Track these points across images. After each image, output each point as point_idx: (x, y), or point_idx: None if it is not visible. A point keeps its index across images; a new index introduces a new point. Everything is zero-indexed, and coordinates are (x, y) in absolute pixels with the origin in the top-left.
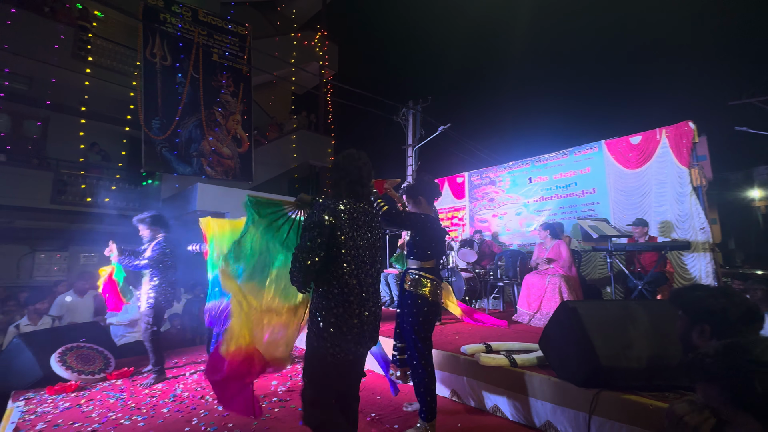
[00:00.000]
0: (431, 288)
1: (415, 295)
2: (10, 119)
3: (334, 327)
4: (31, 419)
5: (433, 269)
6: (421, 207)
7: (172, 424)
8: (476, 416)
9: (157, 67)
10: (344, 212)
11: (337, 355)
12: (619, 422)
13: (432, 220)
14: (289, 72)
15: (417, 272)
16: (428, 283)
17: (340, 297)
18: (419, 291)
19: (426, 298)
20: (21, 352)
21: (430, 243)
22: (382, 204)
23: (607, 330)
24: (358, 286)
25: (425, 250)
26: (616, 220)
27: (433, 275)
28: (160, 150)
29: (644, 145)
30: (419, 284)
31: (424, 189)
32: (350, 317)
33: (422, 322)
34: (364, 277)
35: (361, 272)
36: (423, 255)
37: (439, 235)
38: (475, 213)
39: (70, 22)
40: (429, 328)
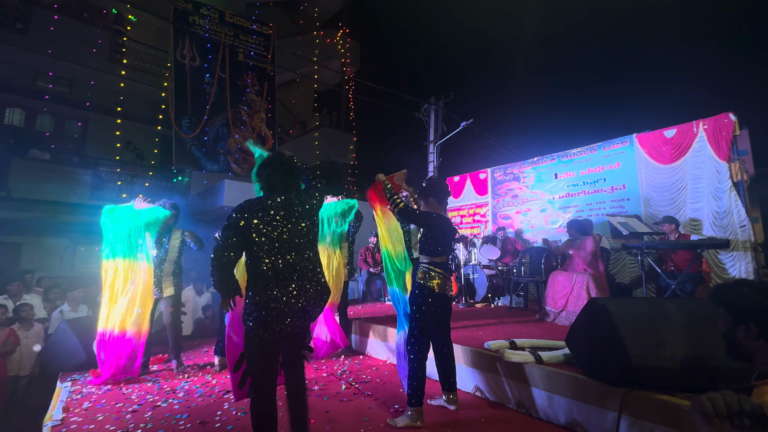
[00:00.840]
0: (440, 281)
1: (423, 287)
2: (54, 120)
3: (255, 311)
4: (78, 399)
5: (443, 264)
6: (431, 207)
7: (204, 408)
8: (499, 411)
9: (186, 68)
10: (259, 210)
11: (263, 335)
12: (651, 423)
13: (443, 219)
14: (312, 70)
15: (428, 266)
16: (437, 277)
17: (259, 284)
18: (428, 283)
19: (433, 290)
20: (66, 337)
21: (441, 240)
22: (398, 201)
23: (638, 328)
24: (274, 273)
25: (436, 246)
26: (648, 217)
27: (442, 270)
28: (189, 148)
29: (679, 138)
30: (429, 277)
31: (434, 190)
32: (269, 301)
33: (426, 311)
34: (283, 265)
35: (278, 260)
36: (434, 251)
37: (449, 234)
38: (498, 209)
39: (107, 27)
40: (433, 318)
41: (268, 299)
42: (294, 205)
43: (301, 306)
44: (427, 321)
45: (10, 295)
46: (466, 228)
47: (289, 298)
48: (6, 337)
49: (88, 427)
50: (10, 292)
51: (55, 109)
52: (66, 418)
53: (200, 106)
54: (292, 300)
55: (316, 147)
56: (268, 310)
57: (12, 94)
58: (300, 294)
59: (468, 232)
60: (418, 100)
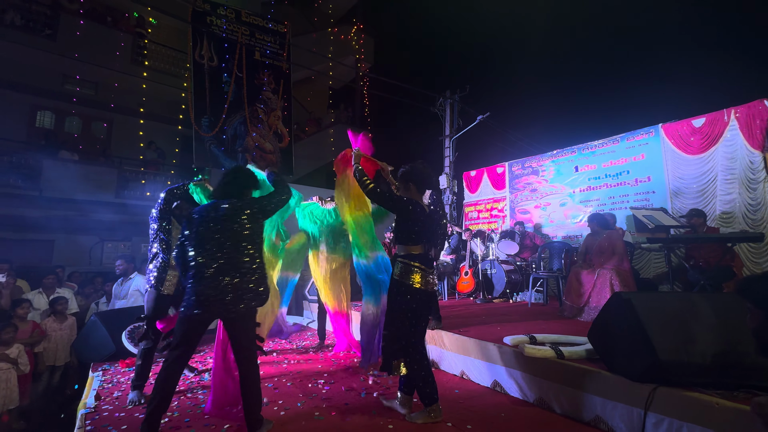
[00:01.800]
0: (419, 276)
1: (401, 284)
2: (81, 122)
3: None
4: (109, 387)
5: (422, 256)
6: (410, 193)
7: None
8: (520, 407)
9: (205, 68)
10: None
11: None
12: (680, 420)
13: (418, 206)
14: (327, 67)
15: (404, 260)
16: (415, 271)
17: (187, 276)
18: (407, 280)
19: (412, 287)
20: (97, 329)
21: (413, 228)
22: (368, 182)
23: (665, 323)
24: (197, 268)
25: (408, 234)
26: (674, 210)
27: (420, 263)
28: (208, 146)
29: (709, 128)
30: (406, 272)
31: (415, 176)
32: (191, 292)
33: (407, 309)
34: (207, 261)
35: (200, 258)
36: (407, 239)
37: (426, 221)
38: (516, 204)
39: (129, 30)
40: (414, 316)
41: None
42: (221, 210)
43: (218, 297)
44: (411, 320)
45: (45, 288)
46: (483, 223)
47: (211, 288)
48: (31, 330)
49: (119, 415)
50: (45, 286)
51: (82, 111)
52: (98, 406)
53: (219, 106)
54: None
55: (331, 144)
56: (188, 295)
57: (43, 97)
58: (213, 287)
59: (485, 227)
60: (433, 94)
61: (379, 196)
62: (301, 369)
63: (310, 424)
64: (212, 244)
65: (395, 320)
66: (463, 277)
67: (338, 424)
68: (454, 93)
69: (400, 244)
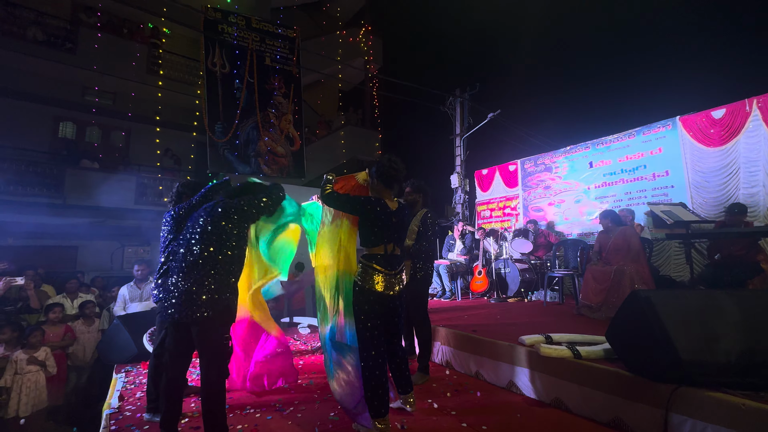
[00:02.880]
0: (381, 278)
1: (362, 288)
2: (101, 131)
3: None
4: (132, 388)
5: (383, 257)
6: (374, 189)
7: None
8: (536, 407)
9: (217, 75)
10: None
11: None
12: (703, 421)
13: (378, 203)
14: (336, 70)
15: (364, 261)
16: (376, 273)
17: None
18: (367, 284)
19: (373, 290)
20: (119, 331)
21: (373, 228)
22: (327, 188)
23: (687, 321)
24: (171, 271)
25: (368, 234)
26: (694, 204)
27: (380, 265)
28: (222, 152)
29: (729, 118)
30: (366, 275)
31: (379, 170)
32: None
33: (369, 313)
34: (176, 264)
35: (172, 260)
36: (366, 240)
37: (387, 221)
38: (529, 202)
39: (144, 41)
40: (379, 320)
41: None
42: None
43: (176, 299)
44: (374, 324)
45: (68, 292)
46: (496, 221)
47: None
48: (63, 332)
49: (141, 415)
50: (68, 290)
51: (101, 121)
52: (122, 406)
53: (231, 112)
54: (174, 292)
55: (342, 146)
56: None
57: (64, 108)
58: (176, 288)
59: (498, 225)
60: (443, 93)
61: (334, 199)
62: (316, 369)
63: (325, 426)
64: (181, 243)
65: (358, 326)
66: (477, 277)
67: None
68: (464, 91)
69: (362, 245)
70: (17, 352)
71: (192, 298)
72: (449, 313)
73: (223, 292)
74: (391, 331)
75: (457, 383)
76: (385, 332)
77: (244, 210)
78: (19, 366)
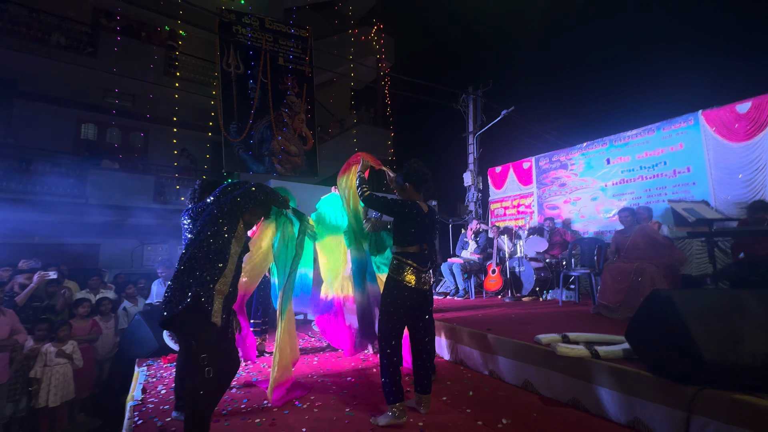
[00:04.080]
0: (413, 274)
1: (394, 280)
2: (120, 133)
3: None
4: (154, 382)
5: (417, 255)
6: (407, 193)
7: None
8: (553, 407)
9: (232, 75)
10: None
11: None
12: (727, 424)
13: (414, 206)
14: (348, 68)
15: (399, 257)
16: (409, 269)
17: None
18: (399, 277)
19: (404, 284)
20: (141, 326)
21: (410, 229)
22: (365, 189)
23: (710, 321)
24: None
25: (405, 235)
26: (717, 202)
27: (414, 261)
28: (237, 152)
29: (755, 113)
30: (400, 270)
31: (411, 176)
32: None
33: (398, 306)
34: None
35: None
36: (403, 240)
37: (421, 221)
38: (544, 199)
39: (161, 43)
40: (405, 313)
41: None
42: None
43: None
44: (400, 316)
45: (91, 288)
46: (510, 219)
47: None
48: (90, 327)
49: (164, 408)
50: (91, 286)
51: (121, 122)
52: (144, 399)
53: (245, 112)
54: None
55: (354, 144)
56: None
57: (86, 111)
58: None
59: (512, 223)
60: (455, 91)
61: (374, 201)
62: (331, 366)
63: (341, 421)
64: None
65: (384, 315)
66: (491, 275)
67: (367, 420)
68: (477, 89)
69: (396, 245)
70: (46, 345)
71: (169, 299)
72: (463, 311)
73: (197, 294)
74: (421, 326)
75: (471, 381)
76: (414, 327)
77: (227, 204)
78: (48, 358)
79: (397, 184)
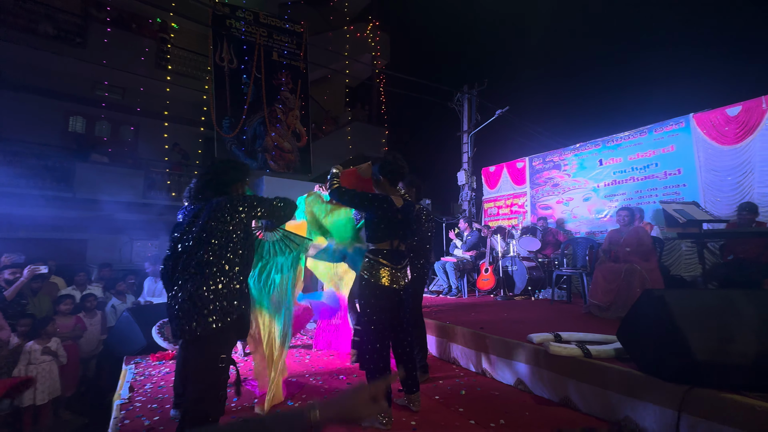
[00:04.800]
0: (386, 273)
1: (368, 281)
2: (110, 126)
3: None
4: (141, 379)
5: (389, 253)
6: (380, 187)
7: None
8: (544, 407)
9: (225, 70)
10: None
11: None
12: (718, 423)
13: (385, 200)
14: (343, 65)
15: (371, 255)
16: (382, 268)
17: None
18: (372, 277)
19: (378, 284)
20: (129, 324)
21: (379, 224)
22: (335, 183)
23: (701, 321)
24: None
25: (375, 230)
26: (707, 203)
27: (386, 259)
28: (229, 147)
29: (745, 116)
30: (373, 269)
31: (385, 168)
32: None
33: (374, 306)
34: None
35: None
36: (373, 236)
37: (393, 217)
38: (537, 199)
39: (152, 36)
40: (384, 313)
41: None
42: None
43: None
44: (380, 317)
45: (78, 285)
46: (503, 219)
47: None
48: (74, 323)
49: (151, 406)
50: (77, 283)
51: (110, 115)
52: (132, 397)
53: (238, 107)
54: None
55: (348, 142)
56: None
57: (75, 103)
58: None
59: (506, 223)
60: (450, 89)
61: (342, 194)
62: (323, 364)
63: None
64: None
65: (364, 320)
66: (483, 274)
67: None
68: (472, 88)
69: (369, 242)
70: (30, 343)
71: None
72: (456, 310)
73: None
74: (396, 326)
75: (464, 380)
76: (391, 327)
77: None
78: (33, 356)
79: (373, 178)
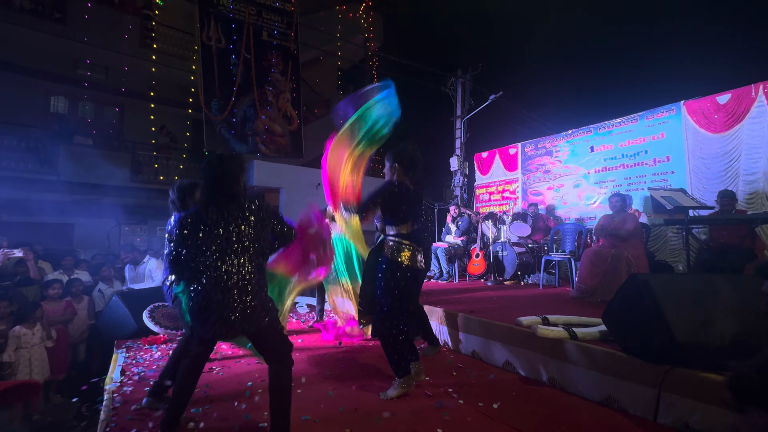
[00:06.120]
0: (409, 254)
1: (391, 261)
2: (94, 107)
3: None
4: (133, 364)
5: (411, 235)
6: (393, 173)
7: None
8: (531, 387)
9: (213, 50)
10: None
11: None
12: (694, 400)
13: (402, 186)
14: (335, 47)
15: (395, 239)
16: (406, 249)
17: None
18: (397, 257)
19: (402, 264)
20: (119, 308)
21: (401, 207)
22: (352, 207)
23: (683, 304)
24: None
25: (396, 214)
26: (694, 190)
27: (410, 241)
28: (219, 130)
29: (734, 104)
30: (397, 250)
31: (401, 156)
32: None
33: (397, 286)
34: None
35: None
36: (395, 219)
37: (410, 200)
38: (529, 186)
39: (136, 12)
40: (407, 293)
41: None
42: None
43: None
44: (404, 295)
45: (65, 269)
46: (494, 205)
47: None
48: (64, 308)
49: (143, 390)
50: (64, 267)
51: (94, 96)
52: (123, 382)
53: (228, 88)
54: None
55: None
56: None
57: (55, 82)
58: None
59: (497, 209)
60: (444, 73)
61: (366, 204)
62: (315, 346)
63: (325, 400)
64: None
65: (386, 297)
66: (474, 259)
67: (351, 395)
68: (466, 72)
69: (389, 226)
70: (17, 327)
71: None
72: (447, 294)
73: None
74: (414, 301)
75: (453, 362)
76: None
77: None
78: (22, 341)
79: (387, 163)
